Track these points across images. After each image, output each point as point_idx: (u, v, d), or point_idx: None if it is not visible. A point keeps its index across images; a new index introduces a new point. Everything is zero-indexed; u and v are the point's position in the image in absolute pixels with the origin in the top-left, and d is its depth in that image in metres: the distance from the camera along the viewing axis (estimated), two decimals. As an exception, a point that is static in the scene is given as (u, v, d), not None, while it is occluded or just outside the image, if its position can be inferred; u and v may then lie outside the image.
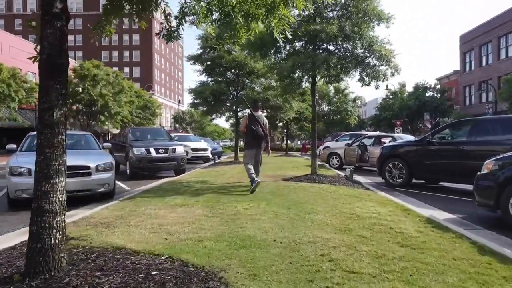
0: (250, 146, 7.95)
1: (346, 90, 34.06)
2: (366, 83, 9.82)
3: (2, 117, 22.65)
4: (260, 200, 6.50)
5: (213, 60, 15.84)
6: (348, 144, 14.70)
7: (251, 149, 7.91)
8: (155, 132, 14.21)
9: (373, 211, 5.61)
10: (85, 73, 30.47)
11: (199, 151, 19.31)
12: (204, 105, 16.32)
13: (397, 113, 40.99)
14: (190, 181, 9.57)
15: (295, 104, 16.13)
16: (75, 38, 70.61)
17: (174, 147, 12.12)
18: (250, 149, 7.93)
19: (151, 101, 45.50)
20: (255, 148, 7.91)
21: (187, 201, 6.38)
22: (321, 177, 9.51)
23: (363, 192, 7.80)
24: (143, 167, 11.54)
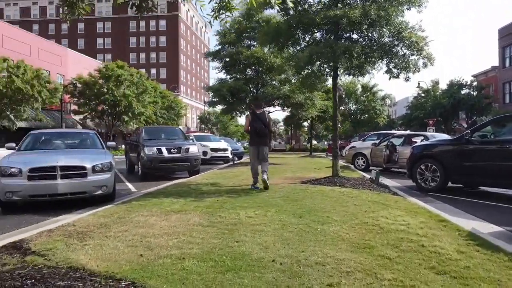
0: (253, 143, 7.94)
1: (375, 88, 32.57)
2: (394, 75, 8.80)
3: (28, 117, 22.97)
4: (269, 206, 5.69)
5: (231, 56, 15.17)
6: (375, 144, 13.60)
7: (254, 146, 7.90)
8: (170, 131, 13.67)
9: (400, 222, 4.67)
10: (109, 73, 30.65)
11: (218, 151, 18.68)
12: (222, 103, 15.67)
13: (430, 112, 38.98)
14: (199, 183, 8.89)
15: (318, 102, 15.18)
16: (104, 41, 72.34)
17: (187, 147, 11.50)
18: (254, 147, 7.92)
19: (176, 102, 45.56)
20: (258, 145, 7.88)
21: (186, 207, 5.68)
22: (343, 180, 8.58)
23: (390, 197, 6.82)
24: (154, 167, 10.99)
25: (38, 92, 20.16)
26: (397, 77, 8.81)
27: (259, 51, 14.69)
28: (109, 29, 72.44)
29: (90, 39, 71.79)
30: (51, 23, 73.13)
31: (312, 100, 14.90)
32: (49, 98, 21.59)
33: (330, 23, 8.32)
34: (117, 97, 30.34)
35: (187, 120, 74.83)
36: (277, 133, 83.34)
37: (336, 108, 9.08)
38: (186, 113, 56.34)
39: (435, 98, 39.52)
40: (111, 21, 72.44)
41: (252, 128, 7.82)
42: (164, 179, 11.08)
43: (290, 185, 8.33)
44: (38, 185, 6.08)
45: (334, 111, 9.15)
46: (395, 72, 8.76)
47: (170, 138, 12.67)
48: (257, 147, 7.90)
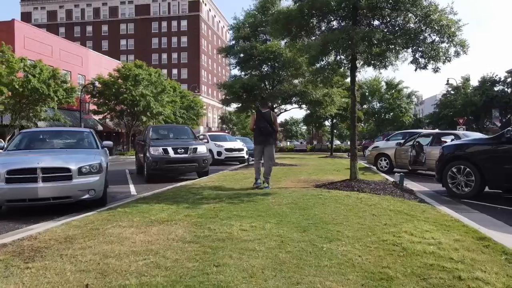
0: (258, 142, 7.99)
1: (400, 85, 30.97)
2: (421, 66, 7.76)
3: (46, 117, 23.03)
4: (271, 216, 4.87)
5: (245, 51, 14.39)
6: (400, 143, 12.48)
7: (259, 145, 7.94)
8: (179, 130, 13.02)
9: (429, 240, 3.75)
10: (127, 73, 30.57)
11: (233, 151, 17.96)
12: (236, 101, 14.92)
13: (460, 110, 36.96)
14: (203, 186, 8.15)
15: (337, 98, 14.17)
16: (127, 42, 73.29)
17: (195, 147, 10.81)
18: (259, 145, 7.96)
19: (195, 101, 45.29)
20: (263, 144, 7.90)
21: (175, 215, 4.93)
22: (362, 184, 7.62)
23: (416, 206, 5.84)
24: (160, 168, 10.36)
25: (54, 91, 20.07)
26: (424, 68, 7.75)
27: (274, 45, 13.84)
28: (132, 31, 73.31)
29: (113, 41, 72.91)
30: (77, 26, 74.80)
31: (331, 96, 13.90)
32: (65, 98, 21.51)
33: (347, 8, 7.40)
34: (135, 97, 30.22)
35: (208, 120, 74.76)
36: (299, 133, 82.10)
37: (354, 104, 8.14)
38: (206, 113, 56.06)
39: (466, 96, 37.45)
40: (134, 22, 73.31)
41: (256, 127, 7.88)
42: (171, 180, 10.44)
43: (301, 189, 7.46)
44: (16, 189, 5.50)
45: (352, 107, 8.20)
46: (422, 62, 7.72)
47: (179, 137, 12.05)
48: (262, 146, 7.92)
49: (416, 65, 7.82)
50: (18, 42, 28.35)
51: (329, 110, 14.59)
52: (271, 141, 7.94)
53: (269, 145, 7.90)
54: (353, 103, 8.15)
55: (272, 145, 7.97)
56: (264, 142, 7.89)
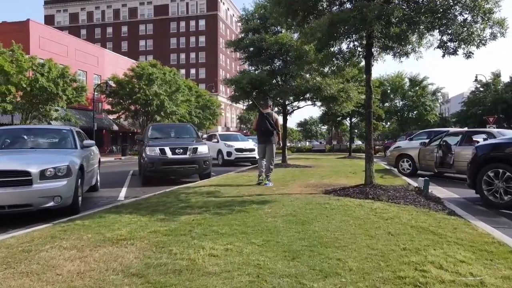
0: (260, 142, 8.49)
1: (424, 81, 29.18)
2: (450, 51, 6.56)
3: (58, 117, 22.74)
4: (258, 234, 3.86)
5: (253, 44, 13.38)
6: (424, 143, 11.17)
7: (261, 144, 8.43)
8: (181, 129, 12.11)
9: (466, 278, 2.65)
10: (141, 72, 30.14)
11: (244, 151, 16.98)
12: (244, 98, 13.93)
13: (490, 108, 34.75)
14: (196, 192, 7.20)
15: (354, 94, 12.94)
16: (146, 43, 73.64)
17: (195, 147, 9.89)
18: (261, 145, 8.47)
19: (212, 101, 44.62)
20: (264, 143, 8.34)
21: (137, 232, 3.97)
22: (378, 190, 6.48)
23: (444, 220, 4.68)
24: (156, 170, 9.50)
25: (62, 90, 19.66)
26: (454, 53, 6.54)
27: (285, 36, 12.76)
28: (151, 31, 73.61)
29: (133, 42, 73.41)
30: (97, 28, 75.78)
31: (347, 92, 12.70)
32: (75, 97, 21.11)
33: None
34: (149, 96, 29.76)
35: (226, 120, 74.20)
36: (319, 133, 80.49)
37: (370, 97, 6.99)
38: (222, 112, 55.38)
39: (496, 93, 35.20)
40: (153, 23, 73.58)
41: (258, 127, 8.33)
42: (169, 183, 9.58)
43: (307, 196, 6.40)
44: (-35, 196, 4.70)
45: (367, 101, 7.06)
46: (451, 46, 6.52)
47: (180, 136, 11.18)
48: (264, 145, 8.38)
49: (443, 50, 6.63)
50: (33, 42, 28.38)
51: (345, 107, 13.38)
52: (272, 141, 8.27)
53: (270, 144, 8.28)
54: (368, 96, 7.02)
55: (273, 144, 8.30)
56: (266, 142, 8.31)
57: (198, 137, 11.28)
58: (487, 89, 36.72)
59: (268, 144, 8.24)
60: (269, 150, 8.25)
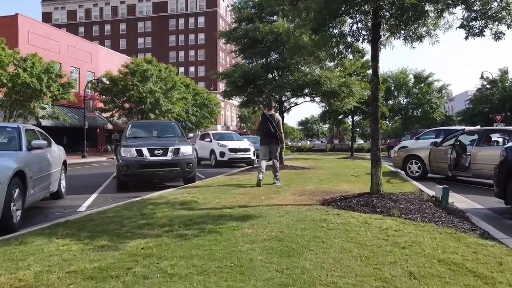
0: (262, 143, 8.42)
1: (430, 77, 27.90)
2: (475, 32, 5.39)
3: (45, 115, 21.60)
4: (221, 277, 2.70)
5: (247, 34, 12.21)
6: (436, 143, 9.99)
7: (264, 146, 8.37)
8: (164, 127, 10.93)
9: None
10: (135, 68, 28.97)
11: (238, 151, 15.82)
12: (237, 93, 12.75)
13: (497, 105, 33.48)
14: (169, 201, 6.04)
15: (357, 89, 11.73)
16: (145, 40, 72.51)
17: (177, 147, 8.73)
18: (263, 146, 8.39)
19: (209, 99, 43.41)
20: (267, 145, 8.32)
21: (50, 273, 2.80)
22: (387, 201, 5.32)
23: (479, 246, 3.49)
24: (132, 174, 8.34)
25: (46, 86, 18.49)
26: (479, 34, 5.36)
27: (280, 25, 11.57)
28: (150, 28, 72.48)
29: (131, 39, 72.27)
30: (95, 25, 74.68)
31: (349, 87, 11.51)
32: (61, 94, 19.94)
33: None
34: (143, 93, 28.58)
35: (226, 119, 73.07)
36: (320, 131, 79.24)
37: (377, 89, 5.81)
38: (221, 111, 54.21)
39: (504, 90, 33.92)
40: (151, 20, 72.45)
41: (261, 129, 8.39)
42: (148, 187, 8.46)
43: (300, 209, 5.24)
44: None
45: (373, 93, 5.88)
46: (476, 25, 5.35)
47: (163, 135, 10.03)
48: (267, 146, 8.36)
49: (467, 31, 5.45)
50: (22, 37, 27.25)
51: (346, 103, 12.18)
52: (275, 142, 8.29)
53: (273, 146, 8.30)
54: (375, 87, 5.84)
55: (275, 144, 8.30)
56: (268, 143, 8.33)
57: (183, 136, 10.12)
58: (494, 86, 35.44)
59: (270, 145, 8.30)
60: (273, 151, 8.32)
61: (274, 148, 8.30)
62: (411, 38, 6.18)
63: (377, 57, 5.84)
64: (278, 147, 8.38)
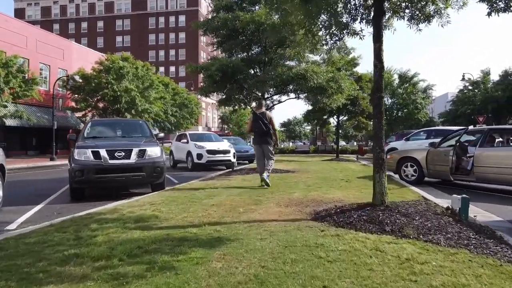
0: (255, 143, 8.23)
1: (415, 77, 27.37)
2: (499, 7, 4.43)
3: (7, 113, 19.80)
4: None
5: (226, 24, 11.03)
6: (433, 144, 9.05)
7: (257, 145, 8.15)
8: (130, 125, 9.57)
9: None
10: (109, 66, 27.36)
11: (217, 153, 14.58)
12: (215, 89, 11.53)
13: (480, 107, 33.38)
14: (120, 219, 4.77)
15: (346, 84, 10.70)
16: (123, 39, 70.29)
17: (143, 149, 7.46)
18: (256, 146, 8.18)
19: (189, 99, 41.94)
20: (260, 144, 8.09)
21: None
22: (396, 216, 4.24)
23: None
24: (87, 180, 7.03)
25: (5, 82, 16.80)
26: (506, 10, 4.38)
27: (262, 14, 10.45)
28: (128, 27, 70.32)
29: (109, 37, 69.90)
30: (71, 22, 71.98)
31: (337, 82, 10.48)
32: (23, 90, 18.25)
33: None
34: (118, 92, 27.00)
35: (207, 120, 71.55)
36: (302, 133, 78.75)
37: (380, 76, 4.74)
38: (202, 111, 52.75)
39: (486, 91, 33.89)
40: (130, 18, 70.30)
41: (253, 128, 8.14)
42: (109, 196, 7.17)
43: (287, 227, 4.10)
44: None
45: (376, 82, 4.80)
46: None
47: (129, 135, 8.73)
48: (260, 146, 8.14)
49: (490, 6, 4.46)
50: (-16, 31, 25.28)
51: (335, 100, 11.14)
52: (268, 141, 8.05)
53: (266, 144, 8.06)
54: (378, 74, 4.77)
55: (268, 143, 8.06)
56: (261, 142, 8.10)
57: (152, 136, 8.84)
58: (476, 88, 35.42)
59: (263, 144, 8.05)
60: (266, 150, 8.06)
61: (266, 147, 8.02)
62: (417, 18, 5.18)
63: (380, 37, 4.78)
64: (271, 146, 8.07)
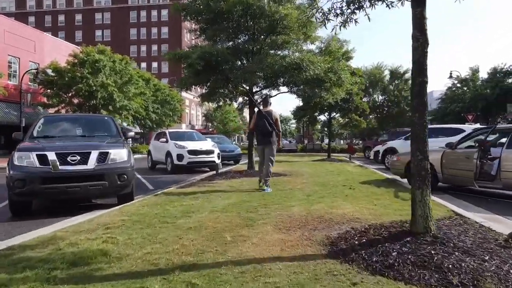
0: (258, 143, 7.82)
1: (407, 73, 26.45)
2: None
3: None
4: None
5: (209, 7, 9.57)
6: (452, 144, 7.84)
7: (260, 145, 7.75)
8: (93, 122, 7.93)
9: None
10: (84, 58, 25.46)
11: (200, 154, 13.12)
12: (197, 81, 10.03)
13: (469, 105, 32.82)
14: (48, 256, 3.31)
15: (345, 76, 9.38)
16: (103, 33, 67.55)
17: (105, 151, 5.98)
18: (259, 147, 7.76)
19: (172, 95, 40.11)
20: (263, 144, 7.63)
21: None
22: (451, 250, 2.94)
23: None
24: (31, 192, 5.50)
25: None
26: None
27: (251, -7, 9.05)
28: (108, 20, 67.63)
29: (88, 31, 66.98)
30: (48, 15, 68.78)
31: (337, 73, 9.16)
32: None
33: None
34: (93, 87, 25.12)
35: (191, 117, 69.65)
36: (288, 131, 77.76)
37: (423, 54, 3.42)
38: (184, 109, 50.98)
39: (475, 89, 33.36)
40: (111, 11, 67.64)
41: (256, 127, 7.67)
42: (65, 210, 5.66)
43: (299, 273, 2.73)
44: None
45: (418, 62, 3.47)
46: None
47: (91, 134, 7.19)
48: (262, 147, 7.66)
49: None
50: None
51: (334, 93, 9.81)
52: (272, 141, 7.54)
53: (269, 145, 7.55)
54: (421, 51, 3.43)
55: (272, 145, 7.54)
56: (264, 143, 7.61)
57: (119, 135, 7.33)
58: (466, 85, 34.92)
59: (267, 145, 7.55)
60: (268, 152, 7.54)
61: (269, 148, 7.47)
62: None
63: (422, 1, 3.44)
64: (273, 147, 7.50)
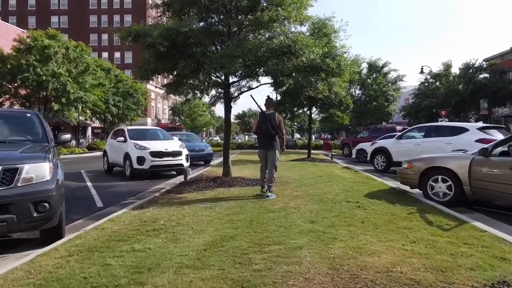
0: (260, 147, 7.50)
1: (386, 67, 25.35)
2: None
3: None
4: None
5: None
6: (486, 150, 6.30)
7: (262, 149, 7.36)
8: (7, 120, 5.70)
9: None
10: (31, 44, 22.39)
11: (164, 156, 11.05)
12: (158, 67, 7.92)
13: (443, 100, 32.46)
14: None
15: (345, 63, 7.64)
16: (59, 19, 62.67)
17: (13, 167, 3.90)
18: (261, 150, 7.39)
19: (135, 87, 37.21)
20: (266, 149, 7.22)
21: None
22: None
23: None
24: None
25: None
26: None
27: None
28: (65, 6, 62.74)
29: (42, 17, 61.80)
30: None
31: (334, 59, 7.42)
32: None
33: None
34: (42, 77, 22.17)
35: (157, 111, 66.34)
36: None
37: None
38: (149, 102, 47.97)
39: (449, 84, 33.06)
40: (68, -4, 62.74)
41: (259, 129, 7.25)
42: None
43: None
44: None
45: None
46: None
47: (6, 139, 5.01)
48: (265, 151, 7.20)
49: None
50: None
51: (334, 83, 8.05)
52: (275, 145, 7.08)
53: (272, 149, 7.07)
54: None
55: (275, 149, 7.08)
56: (267, 146, 7.14)
57: (47, 140, 5.20)
58: (438, 80, 34.62)
59: (269, 149, 7.06)
60: (271, 156, 7.06)
61: (272, 153, 7.04)
62: None
63: None
64: (277, 151, 7.09)
